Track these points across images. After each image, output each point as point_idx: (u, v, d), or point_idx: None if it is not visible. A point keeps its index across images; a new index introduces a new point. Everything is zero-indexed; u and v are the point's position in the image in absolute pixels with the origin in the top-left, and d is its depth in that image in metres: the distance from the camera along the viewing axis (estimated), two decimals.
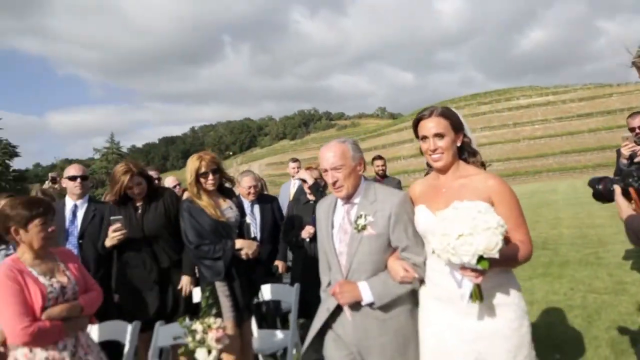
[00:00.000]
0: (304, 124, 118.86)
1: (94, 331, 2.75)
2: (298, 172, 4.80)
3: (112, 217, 3.09)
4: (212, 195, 3.06)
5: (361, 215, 1.98)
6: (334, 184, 2.04)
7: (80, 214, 3.58)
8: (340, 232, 2.06)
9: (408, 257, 1.94)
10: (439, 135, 1.87)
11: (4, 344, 2.18)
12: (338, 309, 2.05)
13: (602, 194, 1.94)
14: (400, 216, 1.95)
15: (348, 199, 2.07)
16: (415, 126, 1.95)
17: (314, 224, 3.64)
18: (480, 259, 1.55)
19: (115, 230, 3.04)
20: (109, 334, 2.83)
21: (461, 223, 1.57)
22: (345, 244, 2.02)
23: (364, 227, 1.96)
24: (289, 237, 3.93)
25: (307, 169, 3.98)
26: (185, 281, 3.21)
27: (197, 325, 2.60)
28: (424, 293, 1.95)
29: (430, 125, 1.88)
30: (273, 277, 3.92)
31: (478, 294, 1.68)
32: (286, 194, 5.64)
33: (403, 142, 53.65)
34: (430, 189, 1.97)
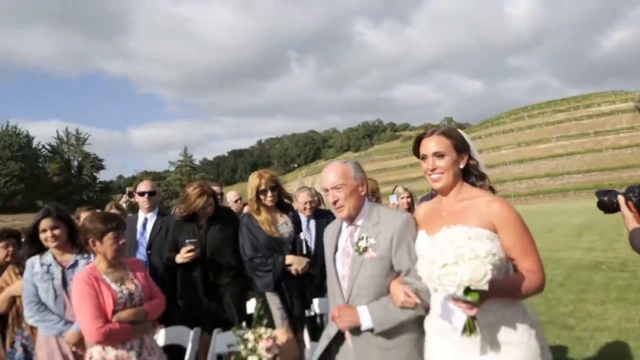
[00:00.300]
0: (368, 136, 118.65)
1: (159, 335, 3.01)
2: None
3: (187, 240, 3.29)
4: (271, 210, 3.27)
5: (363, 237, 1.93)
6: (335, 203, 2.01)
7: (149, 226, 3.91)
8: (344, 256, 2.02)
9: (411, 281, 1.83)
10: (439, 155, 1.79)
11: (81, 343, 2.48)
12: (341, 336, 1.98)
13: (606, 205, 1.90)
14: (402, 239, 1.88)
15: (351, 220, 2.03)
16: (417, 145, 1.88)
17: None
18: (469, 290, 1.44)
19: (189, 251, 3.26)
20: (172, 339, 3.08)
21: (447, 251, 1.46)
22: (347, 267, 1.97)
23: (365, 250, 1.90)
24: None
25: None
26: None
27: (249, 335, 2.76)
28: (428, 323, 1.84)
29: (431, 145, 1.81)
30: (326, 292, 4.02)
31: (472, 327, 1.55)
32: None
33: None
34: (432, 212, 1.89)
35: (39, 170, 59.29)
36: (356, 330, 1.90)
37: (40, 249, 2.79)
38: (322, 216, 4.39)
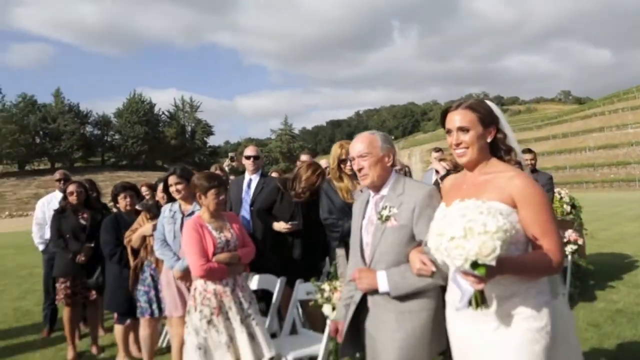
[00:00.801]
0: None
1: (252, 280, 3.51)
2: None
3: (291, 223, 3.77)
4: (351, 179, 3.54)
5: (386, 207, 1.99)
6: (360, 171, 2.08)
7: (252, 186, 4.46)
8: (369, 224, 2.09)
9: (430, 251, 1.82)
10: (463, 129, 1.74)
11: (186, 277, 3.04)
12: (364, 300, 2.07)
13: None
14: (424, 209, 1.92)
15: (376, 190, 2.11)
16: (443, 118, 1.84)
17: None
18: (476, 264, 1.42)
19: (288, 227, 3.76)
20: (262, 284, 3.58)
21: (456, 224, 1.44)
22: (371, 235, 2.05)
23: (387, 218, 1.96)
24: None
25: (441, 160, 4.13)
26: None
27: (326, 286, 3.12)
28: (447, 296, 1.83)
29: (455, 118, 1.76)
30: None
31: (479, 301, 1.54)
32: (428, 182, 5.82)
33: (590, 130, 46.53)
34: (455, 185, 1.88)
35: (159, 134, 66.11)
36: (375, 293, 1.99)
37: (172, 199, 3.46)
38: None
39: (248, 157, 4.51)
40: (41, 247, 5.20)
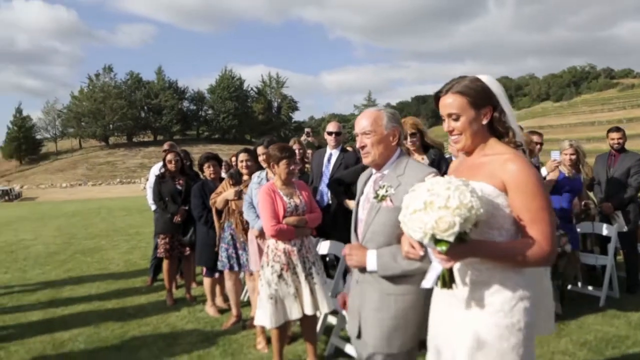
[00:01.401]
0: (574, 83, 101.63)
1: (321, 245, 3.86)
2: None
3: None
4: (415, 153, 3.71)
5: (383, 186, 1.93)
6: (362, 148, 2.03)
7: (332, 160, 4.75)
8: (365, 201, 2.06)
9: None
10: (454, 116, 1.65)
11: (262, 236, 3.46)
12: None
13: None
14: None
15: (377, 168, 2.06)
16: (437, 104, 1.72)
17: None
18: (439, 240, 1.39)
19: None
20: (332, 250, 3.92)
21: (420, 197, 1.42)
22: (366, 212, 2.01)
23: (383, 198, 1.90)
24: None
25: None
26: None
27: None
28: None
29: (444, 104, 1.67)
30: None
31: (447, 280, 1.52)
32: None
33: None
34: (457, 167, 1.81)
35: (248, 109, 69.21)
36: (364, 271, 1.98)
37: (261, 167, 3.93)
38: None
39: (330, 133, 4.75)
40: (153, 208, 6.02)
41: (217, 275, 4.62)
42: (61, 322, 4.59)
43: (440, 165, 3.68)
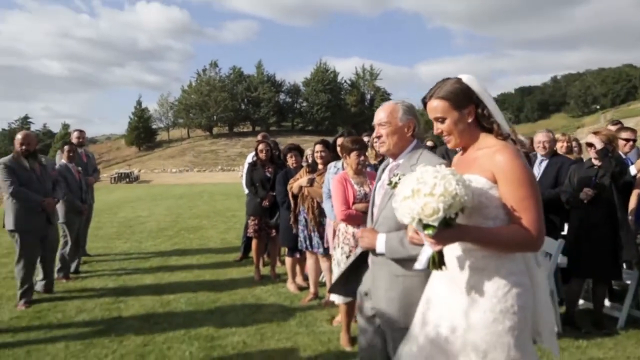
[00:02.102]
0: None
1: None
2: None
3: None
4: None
5: (397, 174, 2.00)
6: (379, 138, 2.17)
7: None
8: (381, 187, 2.20)
9: None
10: (439, 119, 1.78)
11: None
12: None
13: None
14: None
15: (393, 157, 2.20)
16: (425, 107, 1.85)
17: (594, 187, 3.76)
18: (426, 225, 1.51)
19: None
20: None
21: (409, 186, 1.54)
22: (380, 197, 2.16)
23: (395, 185, 1.90)
24: (565, 195, 4.09)
25: (595, 133, 3.93)
26: None
27: None
28: None
29: (430, 109, 1.79)
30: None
31: (436, 262, 1.63)
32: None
33: None
34: (457, 162, 1.90)
35: (341, 102, 70.08)
36: (374, 253, 2.12)
37: (338, 157, 4.22)
38: (558, 160, 4.47)
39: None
40: (246, 192, 6.66)
41: (297, 255, 5.06)
42: (167, 285, 5.38)
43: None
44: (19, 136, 4.79)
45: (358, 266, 2.33)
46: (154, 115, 68.04)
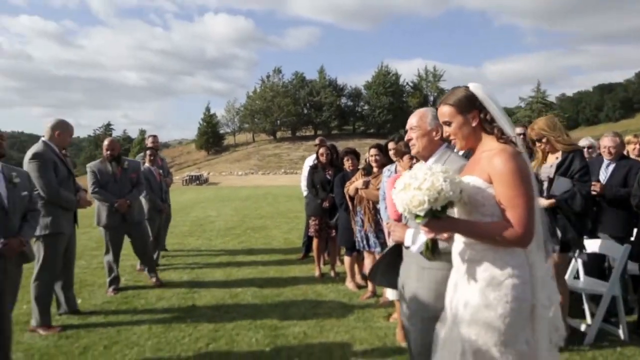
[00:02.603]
0: None
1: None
2: None
3: None
4: (550, 154, 3.74)
5: None
6: (409, 141, 2.38)
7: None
8: None
9: None
10: (446, 123, 1.97)
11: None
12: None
13: None
14: None
15: (424, 159, 2.35)
16: None
17: None
18: (417, 215, 1.71)
19: None
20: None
21: (404, 180, 1.75)
22: None
23: None
24: (635, 200, 3.94)
25: None
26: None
27: None
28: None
29: (439, 114, 2.00)
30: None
31: (430, 249, 1.85)
32: None
33: None
34: (467, 164, 2.04)
35: (403, 104, 69.05)
36: (405, 247, 2.24)
37: (392, 160, 4.38)
38: (626, 164, 4.31)
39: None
40: (305, 193, 7.00)
41: (355, 254, 5.26)
42: (235, 279, 5.80)
43: (573, 163, 3.60)
44: (105, 142, 5.43)
45: (397, 259, 2.47)
46: (221, 120, 71.18)
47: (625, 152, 4.51)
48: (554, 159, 3.70)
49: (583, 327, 3.81)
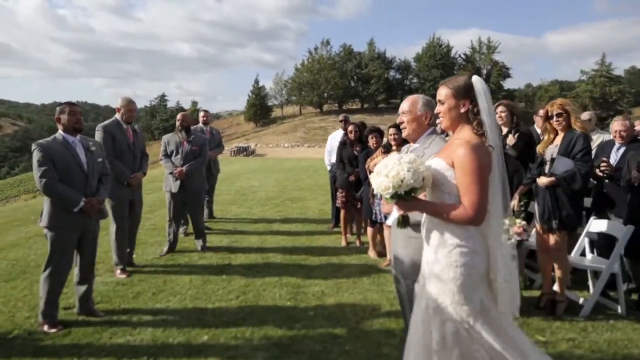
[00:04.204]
0: None
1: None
2: None
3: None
4: (561, 132, 3.92)
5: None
6: (401, 124, 2.70)
7: None
8: None
9: None
10: (440, 102, 2.22)
11: None
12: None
13: None
14: None
15: (413, 141, 2.70)
16: None
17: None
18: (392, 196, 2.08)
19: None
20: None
21: (378, 167, 2.12)
22: None
23: None
24: (624, 181, 4.09)
25: None
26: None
27: (507, 220, 3.83)
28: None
29: (438, 93, 2.25)
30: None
31: (401, 223, 2.23)
32: None
33: None
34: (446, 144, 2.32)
35: None
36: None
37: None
38: (635, 144, 4.39)
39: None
40: (328, 168, 7.46)
41: (377, 225, 5.66)
42: (268, 245, 6.39)
43: (576, 145, 3.77)
44: (178, 116, 6.10)
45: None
46: (269, 93, 72.20)
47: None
48: (559, 140, 3.88)
49: (581, 301, 4.06)
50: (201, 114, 7.99)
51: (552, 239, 3.90)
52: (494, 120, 2.19)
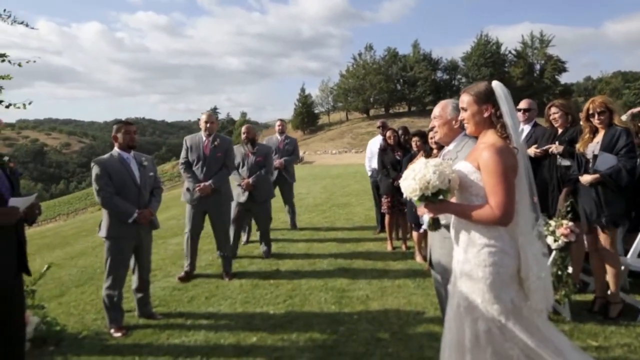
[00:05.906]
0: None
1: None
2: None
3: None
4: (602, 131, 3.79)
5: (445, 158, 2.53)
6: (432, 128, 2.82)
7: (522, 135, 5.01)
8: None
9: None
10: (464, 109, 2.30)
11: None
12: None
13: None
14: None
15: (446, 145, 2.78)
16: None
17: None
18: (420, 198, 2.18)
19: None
20: None
21: (407, 171, 2.22)
22: None
23: None
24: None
25: None
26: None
27: (552, 222, 3.74)
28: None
29: (460, 100, 2.35)
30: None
31: (431, 224, 2.36)
32: None
33: None
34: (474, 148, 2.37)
35: (505, 75, 64.43)
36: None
37: None
38: None
39: (519, 110, 4.84)
40: (369, 174, 7.52)
41: (423, 230, 5.64)
42: (315, 250, 6.54)
43: (618, 141, 3.64)
44: (243, 129, 6.40)
45: None
46: (315, 100, 72.97)
47: None
48: (600, 138, 3.75)
49: None
50: (277, 123, 8.35)
51: (600, 237, 3.76)
52: (516, 121, 2.24)
